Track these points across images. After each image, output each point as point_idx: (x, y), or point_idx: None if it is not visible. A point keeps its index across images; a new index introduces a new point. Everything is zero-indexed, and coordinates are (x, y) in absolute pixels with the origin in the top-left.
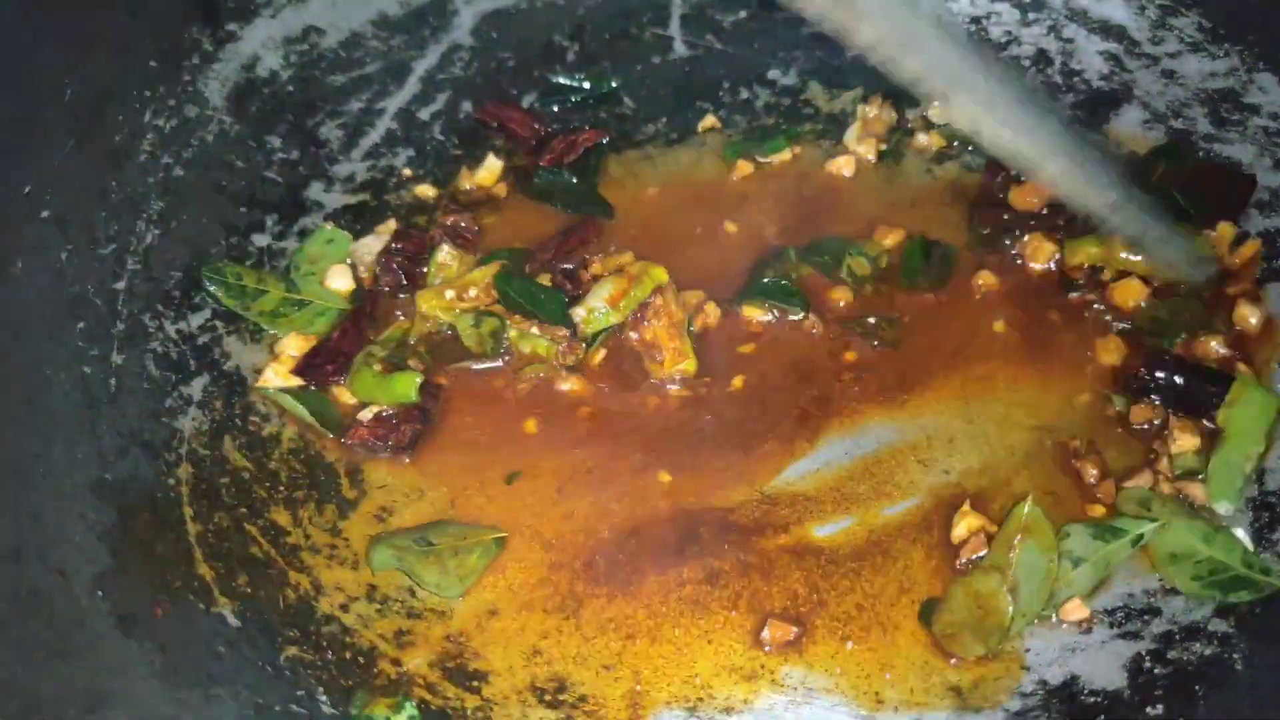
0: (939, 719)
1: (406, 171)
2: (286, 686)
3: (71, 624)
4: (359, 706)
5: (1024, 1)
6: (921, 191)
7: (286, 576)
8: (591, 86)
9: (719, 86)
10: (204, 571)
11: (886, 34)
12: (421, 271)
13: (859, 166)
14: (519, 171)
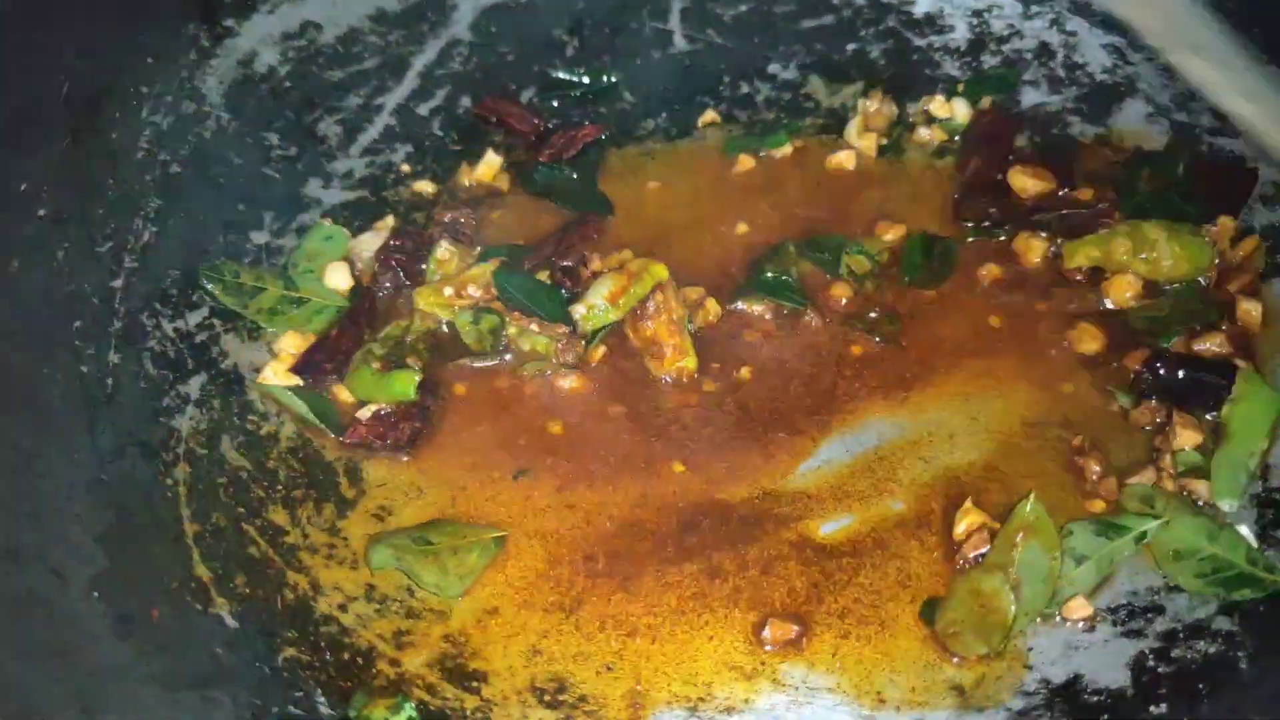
0: (941, 718)
1: (405, 167)
2: (284, 688)
3: (67, 625)
4: (357, 708)
5: None
6: (923, 186)
7: (285, 577)
8: (591, 81)
9: (719, 81)
10: (201, 572)
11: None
12: (420, 268)
13: (860, 161)
14: (518, 167)
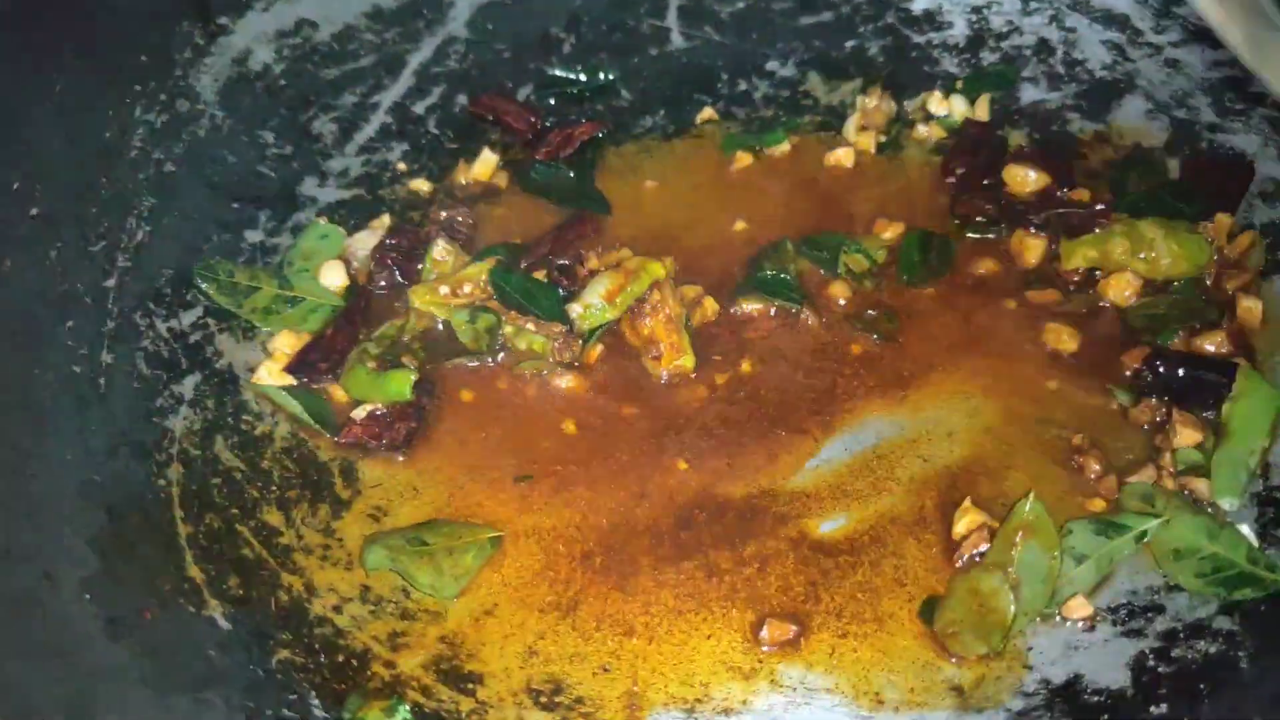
0: (940, 719)
1: (401, 166)
2: (278, 690)
3: (58, 627)
4: (352, 710)
5: None
6: (922, 183)
7: (279, 578)
8: (588, 79)
9: (717, 78)
10: (194, 574)
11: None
12: (417, 267)
13: (859, 158)
14: (515, 165)
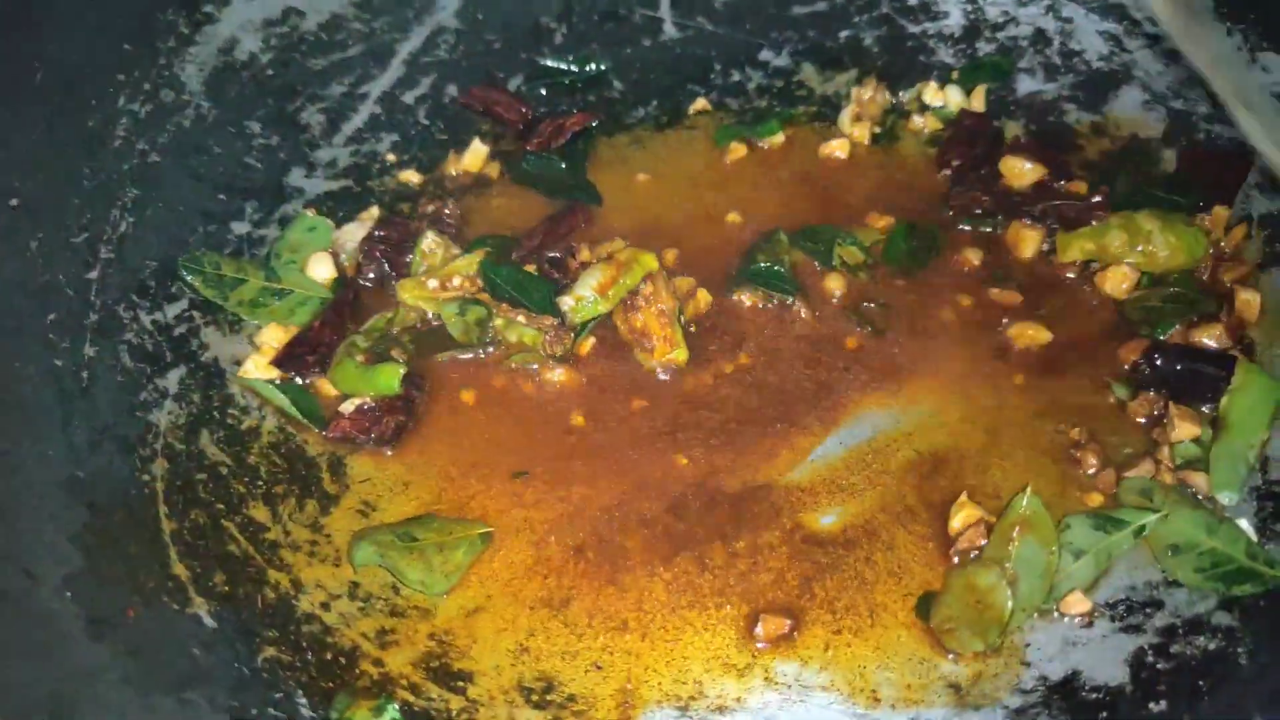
0: (937, 716)
1: (390, 157)
2: (264, 689)
3: (39, 626)
4: (340, 709)
5: None
6: (917, 174)
7: (265, 575)
8: (580, 69)
9: (710, 69)
10: (179, 571)
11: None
12: (406, 260)
13: (853, 149)
14: (506, 156)
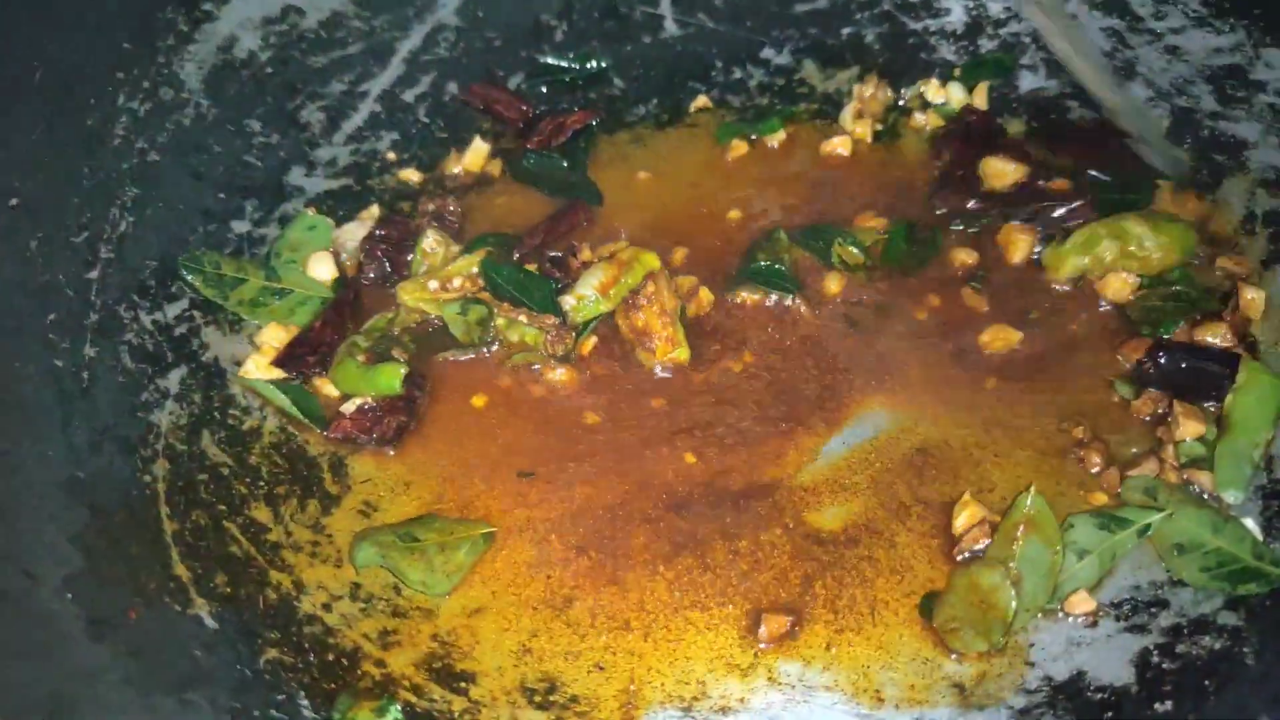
0: (941, 717)
1: (390, 155)
2: (266, 690)
3: (40, 627)
4: (342, 710)
5: None
6: (919, 172)
7: (267, 576)
8: (580, 67)
9: (711, 66)
10: (180, 572)
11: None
12: (406, 258)
13: (855, 147)
14: (506, 155)
